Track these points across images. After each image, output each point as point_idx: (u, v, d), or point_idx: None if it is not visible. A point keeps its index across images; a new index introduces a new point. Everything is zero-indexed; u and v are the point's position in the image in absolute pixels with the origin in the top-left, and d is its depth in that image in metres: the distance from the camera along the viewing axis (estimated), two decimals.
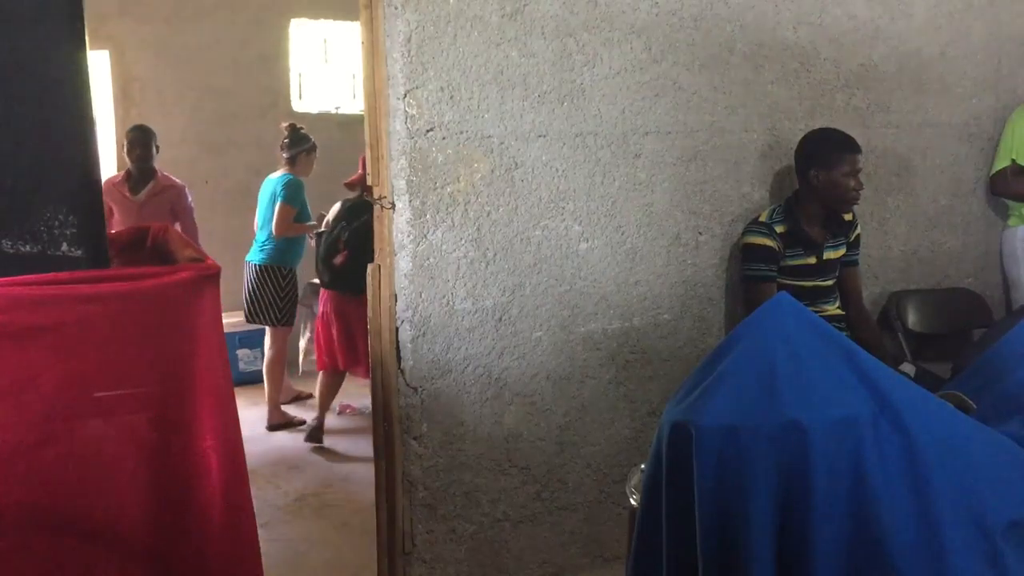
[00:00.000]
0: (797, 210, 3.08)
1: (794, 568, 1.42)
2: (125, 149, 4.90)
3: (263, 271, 4.96)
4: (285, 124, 5.10)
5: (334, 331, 4.51)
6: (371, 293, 2.69)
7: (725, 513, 1.44)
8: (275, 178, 4.98)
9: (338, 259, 4.32)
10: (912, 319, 3.51)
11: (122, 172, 4.98)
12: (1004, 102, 3.75)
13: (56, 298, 1.61)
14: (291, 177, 4.92)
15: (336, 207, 4.57)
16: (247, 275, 5.05)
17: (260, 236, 5.05)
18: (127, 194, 4.78)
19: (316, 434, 4.60)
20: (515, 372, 2.86)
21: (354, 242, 4.23)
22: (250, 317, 5.08)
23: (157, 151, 4.92)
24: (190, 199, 5.00)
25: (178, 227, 4.72)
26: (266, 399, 5.01)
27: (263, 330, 5.72)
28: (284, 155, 4.98)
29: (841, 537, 1.41)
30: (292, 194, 4.85)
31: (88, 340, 1.63)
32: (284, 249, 4.96)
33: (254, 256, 5.04)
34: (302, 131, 5.04)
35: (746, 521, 1.42)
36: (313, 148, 5.02)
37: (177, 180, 5.01)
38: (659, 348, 3.10)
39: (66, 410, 1.63)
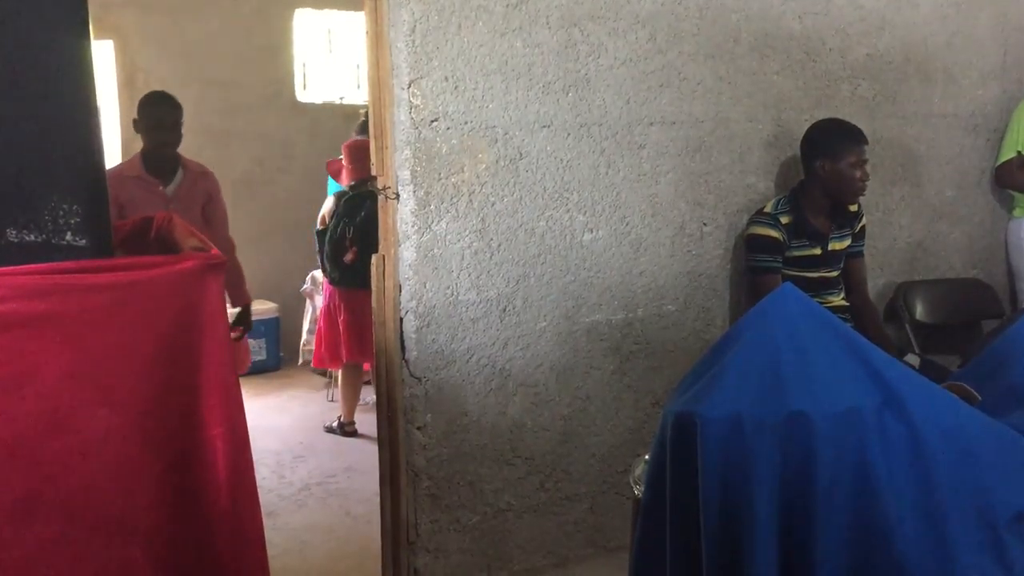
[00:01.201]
0: (802, 201, 3.07)
1: (798, 559, 1.42)
2: (143, 125, 3.53)
3: None
4: (362, 110, 5.21)
5: (340, 322, 4.52)
6: (375, 284, 2.69)
7: (729, 503, 1.44)
8: None
9: (348, 257, 4.31)
10: (920, 310, 3.50)
11: (133, 159, 3.60)
12: (1010, 93, 3.74)
13: (61, 287, 1.61)
14: None
15: (330, 202, 4.56)
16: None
17: None
18: (158, 187, 3.51)
19: (348, 429, 4.66)
20: (519, 363, 2.86)
21: (360, 238, 4.23)
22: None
23: None
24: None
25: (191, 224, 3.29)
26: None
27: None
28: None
29: (845, 528, 1.41)
30: None
31: (93, 329, 1.63)
32: None
33: None
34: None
35: (750, 511, 1.42)
36: None
37: (205, 165, 3.86)
38: (663, 339, 3.09)
39: (72, 400, 1.63)
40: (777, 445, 1.41)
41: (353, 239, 4.29)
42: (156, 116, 3.51)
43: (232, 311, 3.39)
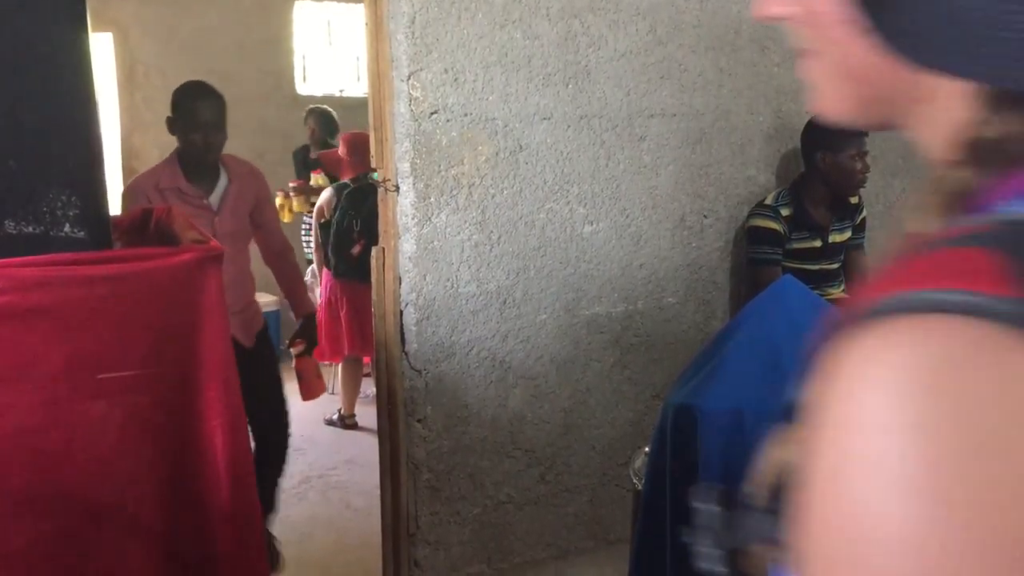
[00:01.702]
0: (803, 193, 3.06)
1: None
2: (181, 124, 2.96)
3: None
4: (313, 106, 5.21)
5: (342, 315, 4.51)
6: (375, 276, 2.69)
7: None
8: None
9: (355, 249, 4.30)
10: None
11: (169, 164, 2.98)
12: None
13: (59, 279, 1.61)
14: None
15: (328, 194, 4.55)
16: None
17: None
18: (202, 200, 2.95)
19: (348, 422, 4.69)
20: (519, 355, 2.86)
21: (367, 231, 4.22)
22: None
23: None
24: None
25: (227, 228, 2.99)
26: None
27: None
28: None
29: None
30: None
31: (91, 321, 1.63)
32: None
33: None
34: None
35: None
36: None
37: (250, 162, 3.29)
38: (663, 332, 3.09)
39: (70, 392, 1.63)
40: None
41: (361, 232, 4.27)
42: (199, 113, 2.95)
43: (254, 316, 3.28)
